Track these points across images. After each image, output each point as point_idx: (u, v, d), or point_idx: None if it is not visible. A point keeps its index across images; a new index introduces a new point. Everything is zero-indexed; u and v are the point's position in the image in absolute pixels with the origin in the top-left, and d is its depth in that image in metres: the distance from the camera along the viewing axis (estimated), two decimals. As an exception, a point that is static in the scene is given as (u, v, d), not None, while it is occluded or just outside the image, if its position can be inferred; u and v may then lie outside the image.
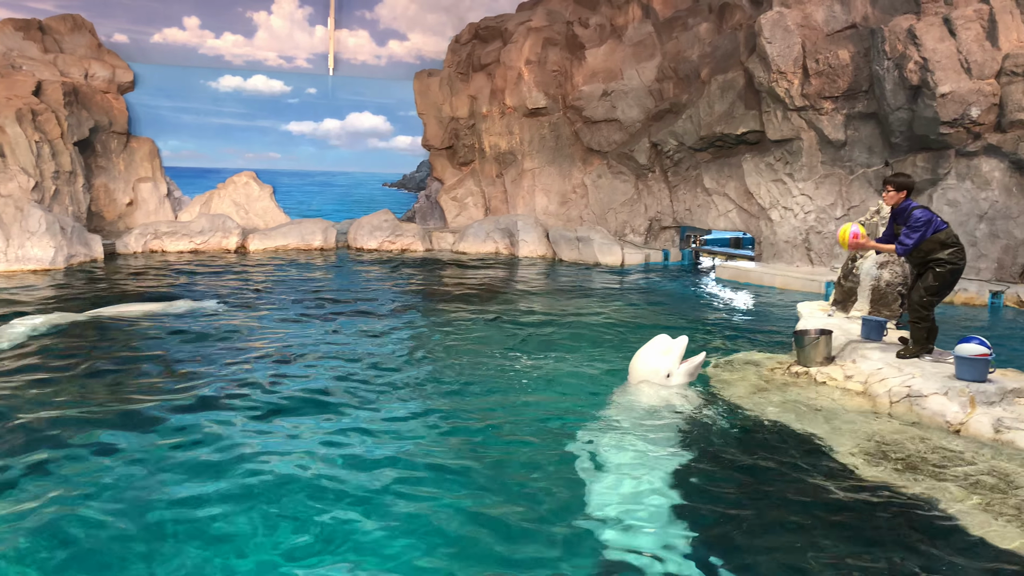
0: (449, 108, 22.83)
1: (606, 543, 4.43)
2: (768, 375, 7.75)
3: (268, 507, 4.79)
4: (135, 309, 11.05)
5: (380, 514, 4.76)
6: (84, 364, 8.17)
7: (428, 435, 6.20)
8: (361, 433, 6.17)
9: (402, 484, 5.20)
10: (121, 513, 4.68)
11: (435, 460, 5.62)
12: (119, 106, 20.35)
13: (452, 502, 4.93)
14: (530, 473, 5.44)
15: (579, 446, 5.84)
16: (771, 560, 4.26)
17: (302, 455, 5.66)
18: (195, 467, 5.44)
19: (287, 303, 12.26)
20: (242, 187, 22.07)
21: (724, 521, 4.72)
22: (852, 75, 14.81)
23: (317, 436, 6.09)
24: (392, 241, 20.63)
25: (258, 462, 5.51)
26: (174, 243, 18.86)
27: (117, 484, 5.13)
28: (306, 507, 4.80)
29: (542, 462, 5.64)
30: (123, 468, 5.40)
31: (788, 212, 16.54)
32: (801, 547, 4.40)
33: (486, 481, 5.29)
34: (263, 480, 5.19)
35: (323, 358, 8.63)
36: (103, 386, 7.43)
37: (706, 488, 5.20)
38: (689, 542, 4.47)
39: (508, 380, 7.75)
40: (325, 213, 23.06)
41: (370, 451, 5.79)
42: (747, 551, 4.37)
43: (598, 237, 18.87)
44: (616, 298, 13.50)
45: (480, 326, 10.69)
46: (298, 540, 4.42)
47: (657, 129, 19.15)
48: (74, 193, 17.95)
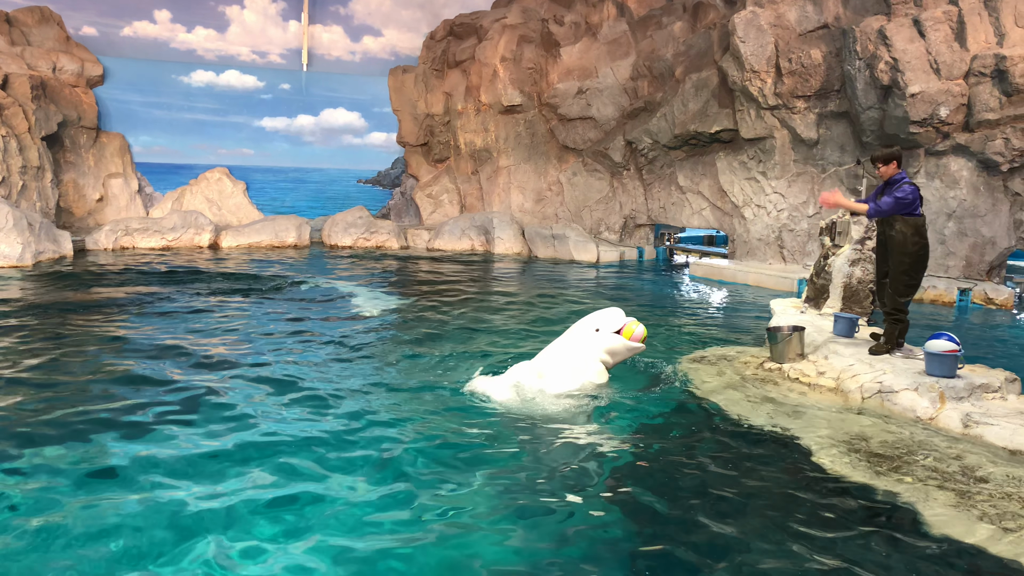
0: (424, 105, 22.76)
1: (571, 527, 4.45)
2: (741, 371, 7.81)
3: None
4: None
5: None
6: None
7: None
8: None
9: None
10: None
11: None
12: (88, 100, 20.05)
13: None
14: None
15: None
16: (736, 554, 4.30)
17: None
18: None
19: (255, 298, 12.16)
20: (215, 183, 21.84)
21: (688, 515, 4.76)
22: (824, 75, 14.97)
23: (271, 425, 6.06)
24: (367, 238, 20.53)
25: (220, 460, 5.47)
26: (145, 240, 18.62)
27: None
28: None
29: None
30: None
31: (761, 210, 16.70)
32: (769, 540, 4.44)
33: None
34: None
35: (284, 351, 8.57)
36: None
37: (668, 481, 5.24)
38: (653, 533, 4.50)
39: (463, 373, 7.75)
40: (299, 210, 22.90)
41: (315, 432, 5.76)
42: (712, 545, 4.40)
43: (573, 235, 18.92)
44: (590, 295, 13.54)
45: (454, 321, 10.67)
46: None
47: (632, 127, 19.24)
48: (42, 189, 17.65)
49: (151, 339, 9.31)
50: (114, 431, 6.08)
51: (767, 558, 4.26)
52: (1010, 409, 6.19)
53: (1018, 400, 6.50)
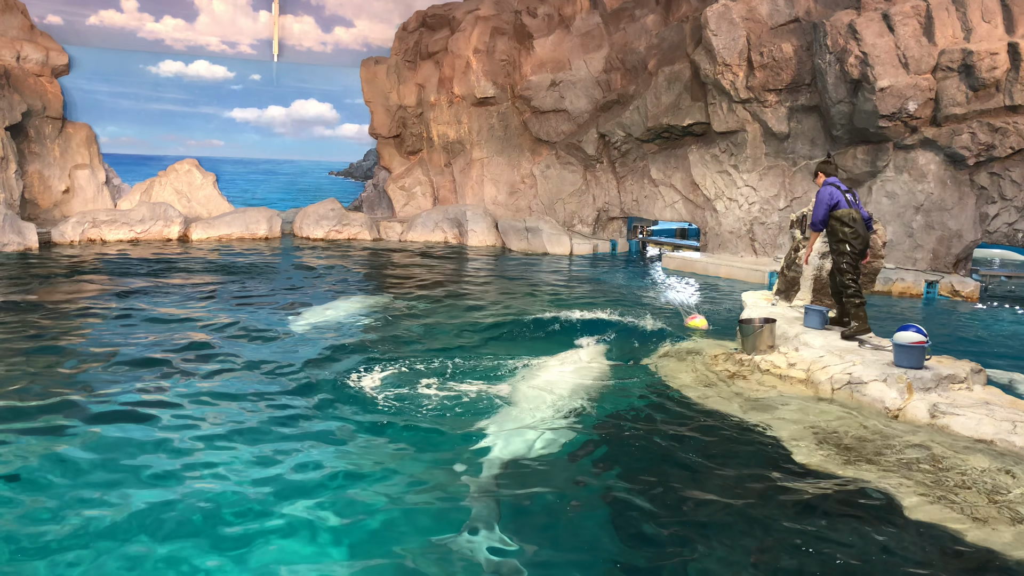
0: (396, 96, 22.61)
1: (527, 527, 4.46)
2: (712, 363, 7.87)
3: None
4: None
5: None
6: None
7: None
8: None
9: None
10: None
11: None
12: (53, 90, 19.65)
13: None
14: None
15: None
16: (710, 545, 4.34)
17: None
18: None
19: (220, 293, 12.03)
20: (184, 175, 21.53)
21: (664, 508, 4.79)
22: (795, 68, 15.10)
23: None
24: (339, 230, 20.38)
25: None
26: (113, 232, 18.32)
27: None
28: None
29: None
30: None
31: (733, 203, 16.83)
32: (743, 532, 4.48)
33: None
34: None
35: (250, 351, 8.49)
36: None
37: (645, 476, 5.27)
38: (624, 527, 4.53)
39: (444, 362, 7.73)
40: (270, 202, 22.66)
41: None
42: (686, 537, 4.44)
43: (547, 227, 18.94)
44: (563, 286, 13.57)
45: (428, 311, 10.64)
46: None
47: (605, 120, 19.27)
48: (6, 180, 17.30)
49: (115, 332, 9.17)
50: (74, 420, 5.98)
51: (740, 550, 4.30)
52: (976, 399, 6.30)
53: (983, 391, 6.62)
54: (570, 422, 6.21)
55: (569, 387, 7.08)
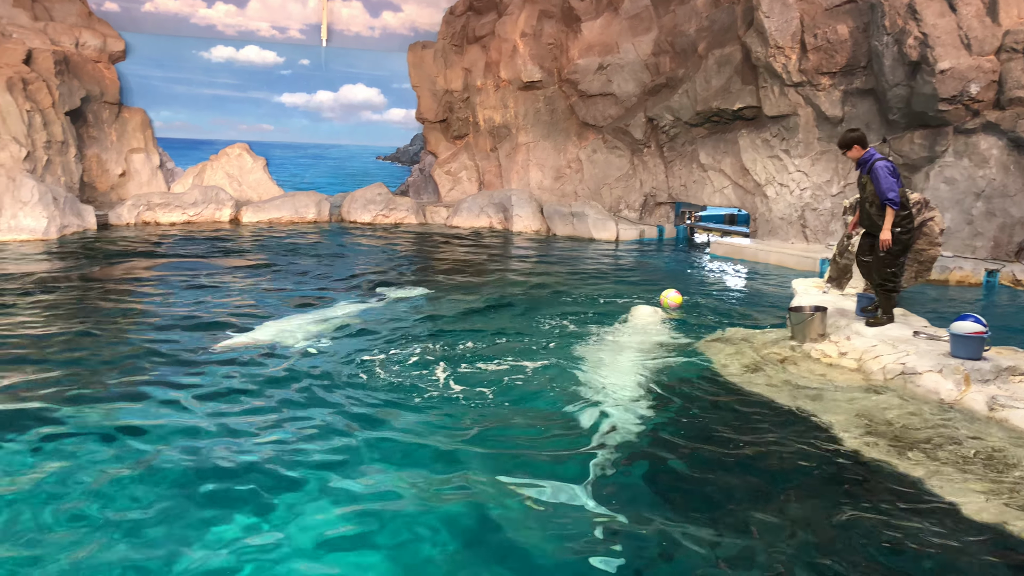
0: (443, 81, 22.63)
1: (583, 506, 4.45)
2: (761, 351, 7.75)
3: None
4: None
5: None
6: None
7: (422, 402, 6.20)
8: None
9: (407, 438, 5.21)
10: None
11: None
12: (110, 76, 20.10)
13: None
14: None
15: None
16: (752, 534, 4.28)
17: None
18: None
19: (278, 276, 12.23)
20: (235, 159, 21.88)
21: (707, 495, 4.74)
22: (851, 50, 14.70)
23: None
24: (385, 215, 20.54)
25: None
26: (167, 214, 18.73)
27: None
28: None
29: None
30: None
31: (784, 189, 16.51)
32: (789, 522, 4.41)
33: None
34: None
35: (313, 337, 8.61)
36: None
37: (694, 461, 5.22)
38: (670, 514, 4.49)
39: (499, 351, 7.74)
40: (318, 186, 22.89)
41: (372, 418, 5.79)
42: (731, 524, 4.39)
43: (592, 212, 18.82)
44: (608, 272, 13.48)
45: (473, 297, 10.67)
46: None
47: (653, 104, 19.03)
48: (66, 163, 17.78)
49: (173, 312, 9.38)
50: (133, 401, 6.14)
51: (784, 538, 4.23)
52: (1036, 392, 6.10)
53: (1045, 383, 6.40)
54: (615, 405, 6.18)
55: (616, 370, 7.05)
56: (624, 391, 6.57)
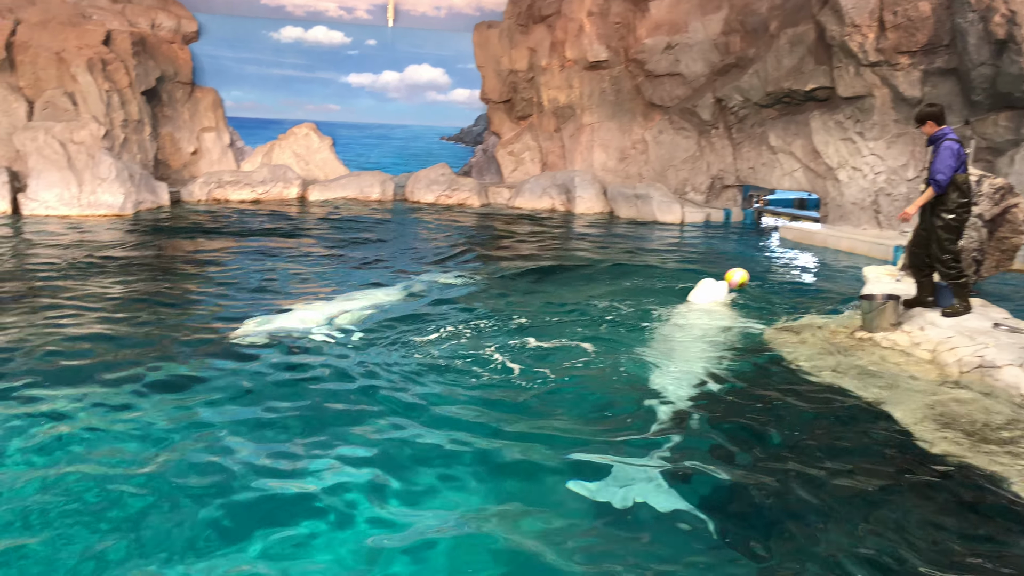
0: (508, 61, 22.52)
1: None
2: (829, 339, 7.54)
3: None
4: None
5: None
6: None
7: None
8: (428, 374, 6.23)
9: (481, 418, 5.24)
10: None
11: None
12: (184, 56, 20.60)
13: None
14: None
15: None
16: (816, 528, 4.17)
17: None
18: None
19: (344, 257, 12.41)
20: (302, 138, 22.24)
21: (771, 485, 4.64)
22: (932, 28, 14.09)
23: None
24: (448, 195, 20.63)
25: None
26: (237, 192, 19.18)
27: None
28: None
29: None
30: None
31: (857, 172, 15.98)
32: (852, 516, 4.28)
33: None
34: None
35: (378, 315, 8.71)
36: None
37: (757, 453, 5.11)
38: (732, 503, 4.41)
39: (563, 332, 7.71)
40: (383, 166, 23.11)
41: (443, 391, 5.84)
42: (796, 515, 4.28)
43: (657, 195, 18.56)
44: (672, 256, 13.28)
45: (533, 279, 10.64)
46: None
47: (722, 84, 18.61)
48: (142, 141, 18.33)
49: (235, 289, 9.61)
50: (198, 380, 6.32)
51: (849, 534, 4.12)
52: None
53: None
54: (677, 391, 6.11)
55: (679, 354, 6.97)
56: (687, 377, 6.48)
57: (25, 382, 5.99)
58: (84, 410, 5.51)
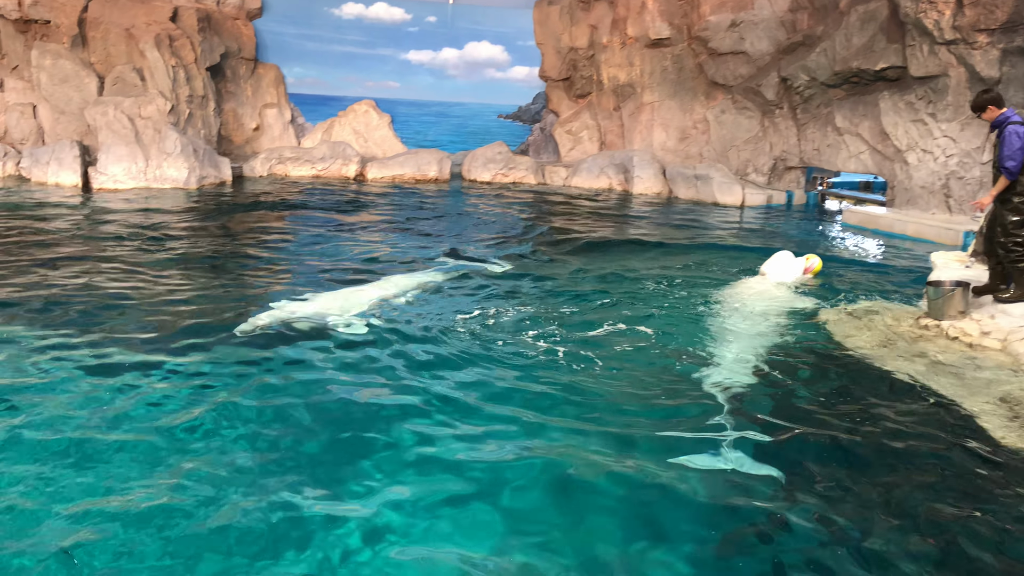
0: (568, 38, 22.27)
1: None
2: (893, 327, 7.31)
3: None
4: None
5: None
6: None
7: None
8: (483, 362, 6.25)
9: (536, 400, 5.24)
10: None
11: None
12: (248, 32, 20.89)
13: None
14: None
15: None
16: (879, 524, 4.05)
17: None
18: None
19: (398, 232, 12.50)
20: (362, 115, 22.40)
21: (831, 476, 4.52)
22: (1013, 5, 13.43)
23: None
24: (505, 174, 20.58)
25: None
26: (297, 168, 19.45)
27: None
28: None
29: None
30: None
31: (927, 155, 15.41)
32: (917, 511, 4.15)
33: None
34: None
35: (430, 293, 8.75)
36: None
37: (816, 443, 4.98)
38: (788, 494, 4.32)
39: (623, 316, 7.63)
40: (441, 144, 23.16)
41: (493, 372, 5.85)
42: (858, 508, 4.17)
43: (718, 175, 18.22)
44: (731, 238, 13.03)
45: (586, 258, 10.56)
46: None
47: (788, 63, 18.11)
48: (206, 117, 18.70)
49: (305, 262, 9.76)
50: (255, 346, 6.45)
51: (916, 530, 3.99)
52: None
53: None
54: (735, 375, 6.00)
55: (738, 338, 6.85)
56: (744, 361, 6.36)
57: (87, 340, 6.21)
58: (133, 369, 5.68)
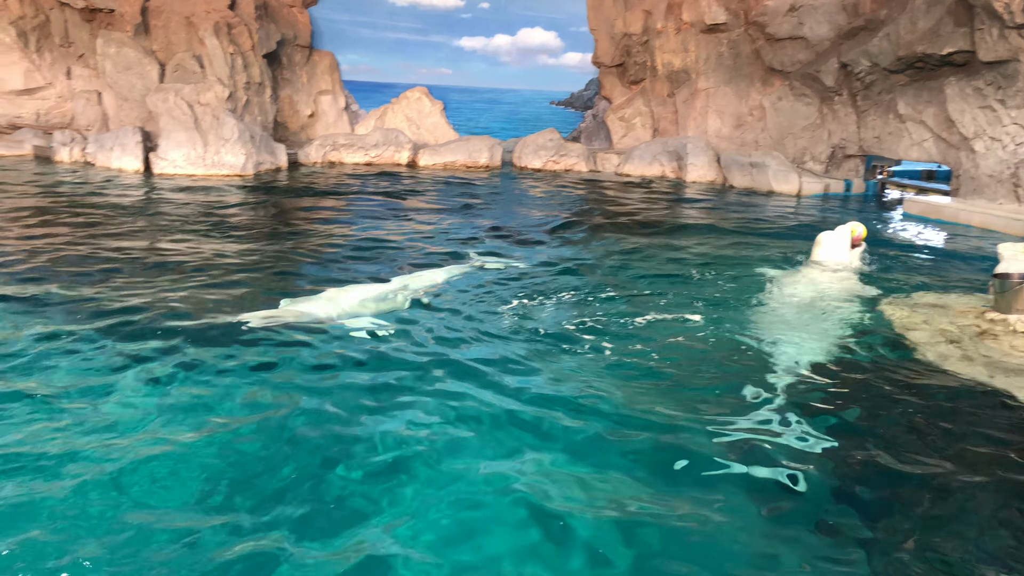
0: (622, 23, 22.01)
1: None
2: (957, 321, 7.07)
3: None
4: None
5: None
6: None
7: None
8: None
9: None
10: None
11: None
12: (303, 20, 21.12)
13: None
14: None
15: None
16: (946, 525, 3.93)
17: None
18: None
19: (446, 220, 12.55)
20: (414, 102, 22.50)
21: (892, 477, 4.40)
22: (1092, -14, 12.84)
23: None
24: (556, 161, 20.49)
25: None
26: (350, 155, 19.65)
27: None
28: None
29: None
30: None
31: (995, 143, 14.86)
32: (984, 518, 4.01)
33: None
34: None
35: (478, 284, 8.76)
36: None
37: (876, 441, 4.85)
38: (847, 497, 4.22)
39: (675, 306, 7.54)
40: (492, 131, 23.17)
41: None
42: (919, 513, 4.05)
43: (774, 163, 17.85)
44: (787, 227, 12.76)
45: (635, 245, 10.45)
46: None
47: (848, 48, 17.61)
48: (262, 104, 18.98)
49: (352, 251, 9.87)
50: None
51: (975, 540, 3.86)
52: None
53: None
54: (788, 369, 5.87)
55: (792, 330, 6.70)
56: (798, 355, 6.22)
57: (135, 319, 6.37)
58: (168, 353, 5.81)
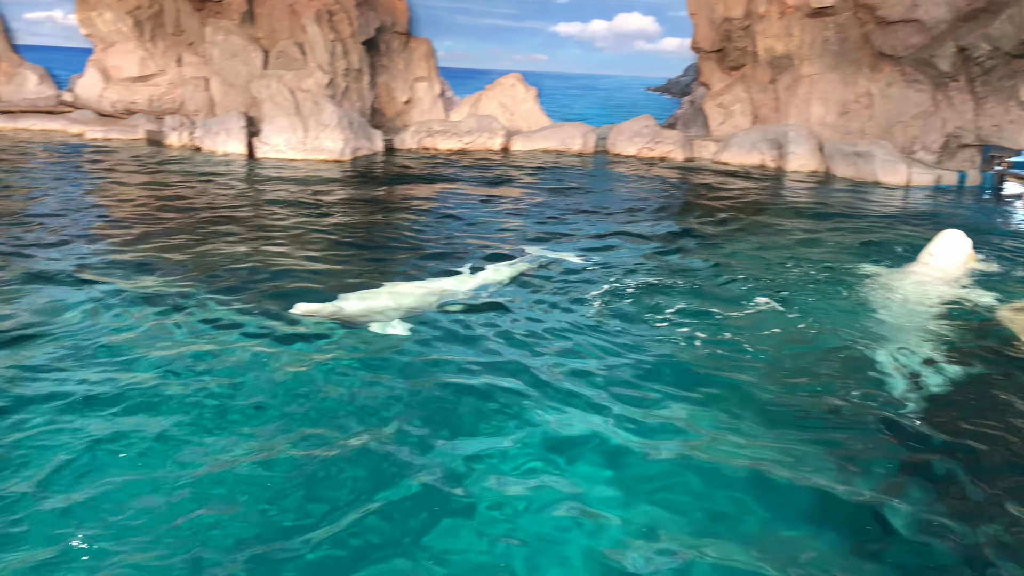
0: (723, 7, 21.37)
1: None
2: (1087, 325, 6.58)
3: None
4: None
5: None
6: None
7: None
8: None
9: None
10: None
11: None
12: (401, 7, 21.37)
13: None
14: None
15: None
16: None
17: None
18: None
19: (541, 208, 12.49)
20: (508, 89, 22.50)
21: (1003, 494, 4.13)
22: None
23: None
24: (651, 148, 20.14)
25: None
26: (444, 141, 19.82)
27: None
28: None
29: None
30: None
31: None
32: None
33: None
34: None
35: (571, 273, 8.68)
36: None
37: (987, 453, 4.56)
38: (957, 512, 3.97)
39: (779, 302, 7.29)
40: (586, 117, 22.96)
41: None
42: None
43: (880, 153, 17.05)
44: (894, 221, 12.16)
45: (730, 233, 10.16)
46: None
47: (967, 31, 16.61)
48: (361, 90, 19.34)
49: (443, 234, 9.95)
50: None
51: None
52: None
53: None
54: (894, 373, 5.59)
55: (898, 331, 6.37)
56: (905, 361, 5.90)
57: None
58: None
